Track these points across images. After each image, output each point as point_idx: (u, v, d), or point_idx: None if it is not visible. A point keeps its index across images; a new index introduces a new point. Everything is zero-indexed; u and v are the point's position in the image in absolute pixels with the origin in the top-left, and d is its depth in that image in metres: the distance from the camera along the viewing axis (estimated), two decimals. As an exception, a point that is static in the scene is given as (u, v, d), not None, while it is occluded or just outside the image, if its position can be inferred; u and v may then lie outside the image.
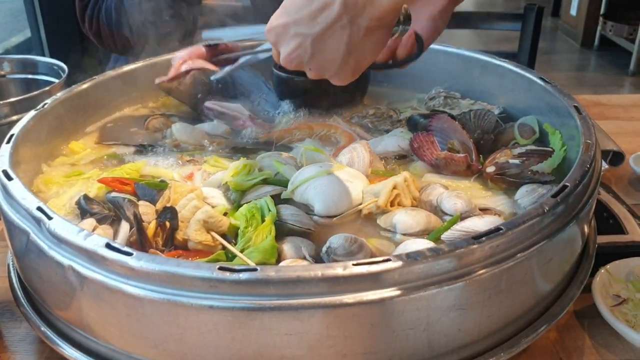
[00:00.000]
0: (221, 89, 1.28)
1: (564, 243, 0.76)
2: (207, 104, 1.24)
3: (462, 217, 0.83)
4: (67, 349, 0.75)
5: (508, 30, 2.18)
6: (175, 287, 0.63)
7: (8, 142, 0.91)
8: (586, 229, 0.83)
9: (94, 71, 1.32)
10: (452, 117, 1.06)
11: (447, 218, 0.84)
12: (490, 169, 0.93)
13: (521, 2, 6.85)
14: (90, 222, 0.85)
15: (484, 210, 0.85)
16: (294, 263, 0.73)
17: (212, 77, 1.17)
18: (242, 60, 1.03)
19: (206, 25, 1.47)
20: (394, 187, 0.85)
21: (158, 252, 0.78)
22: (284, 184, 0.89)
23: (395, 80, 1.37)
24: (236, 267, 0.62)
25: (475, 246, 0.64)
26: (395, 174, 0.90)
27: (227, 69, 1.06)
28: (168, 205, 0.85)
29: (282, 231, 0.81)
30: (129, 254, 0.65)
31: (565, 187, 0.75)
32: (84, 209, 0.88)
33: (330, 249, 0.75)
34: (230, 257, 0.77)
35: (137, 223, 0.81)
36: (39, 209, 0.73)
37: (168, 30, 1.39)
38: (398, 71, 1.26)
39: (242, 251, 0.76)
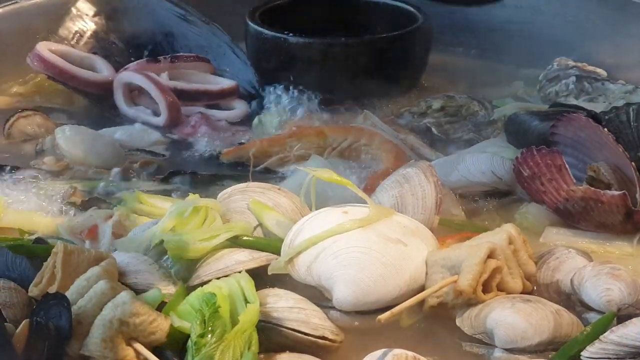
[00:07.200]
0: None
1: None
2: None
3: (620, 314, 0.63)
4: None
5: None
6: None
7: None
8: None
9: None
10: (595, 117, 0.81)
11: (593, 317, 0.64)
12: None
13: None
14: None
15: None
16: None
17: None
18: None
19: None
20: (489, 255, 0.63)
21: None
22: (272, 246, 0.68)
23: (482, 45, 1.00)
24: None
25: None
26: (489, 228, 0.72)
27: None
28: (52, 289, 0.64)
29: (272, 341, 0.61)
30: None
31: None
32: None
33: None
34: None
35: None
36: None
37: None
38: (484, 27, 0.90)
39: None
